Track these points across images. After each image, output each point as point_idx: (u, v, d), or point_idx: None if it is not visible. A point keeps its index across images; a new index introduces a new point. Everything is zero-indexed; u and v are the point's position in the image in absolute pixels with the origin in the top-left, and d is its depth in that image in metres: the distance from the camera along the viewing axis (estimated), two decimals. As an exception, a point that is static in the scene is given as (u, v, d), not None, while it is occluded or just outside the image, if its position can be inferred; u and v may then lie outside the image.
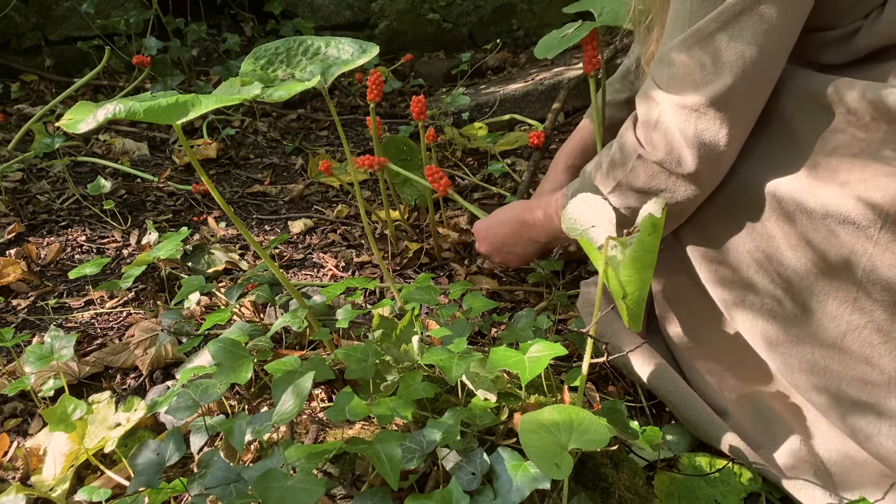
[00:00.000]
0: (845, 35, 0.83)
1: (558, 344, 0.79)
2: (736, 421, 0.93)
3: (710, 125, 0.80)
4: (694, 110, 0.80)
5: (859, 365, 0.78)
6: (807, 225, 0.77)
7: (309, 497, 0.65)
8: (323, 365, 0.88)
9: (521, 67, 2.79)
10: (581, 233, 0.75)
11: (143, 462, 0.78)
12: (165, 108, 0.70)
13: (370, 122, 1.37)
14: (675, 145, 0.82)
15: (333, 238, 1.59)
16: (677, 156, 0.82)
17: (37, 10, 2.49)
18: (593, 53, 1.17)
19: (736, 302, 0.87)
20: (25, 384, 0.97)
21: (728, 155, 0.83)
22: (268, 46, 1.02)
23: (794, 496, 0.83)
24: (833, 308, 0.78)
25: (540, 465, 0.65)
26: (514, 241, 1.18)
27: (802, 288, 0.80)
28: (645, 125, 0.86)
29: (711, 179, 0.84)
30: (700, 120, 0.80)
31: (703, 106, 0.79)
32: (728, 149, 0.81)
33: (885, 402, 0.78)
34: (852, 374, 0.79)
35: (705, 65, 0.79)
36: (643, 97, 0.87)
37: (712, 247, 0.88)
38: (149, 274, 1.37)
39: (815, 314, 0.80)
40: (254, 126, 2.26)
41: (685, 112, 0.81)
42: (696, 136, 0.81)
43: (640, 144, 0.86)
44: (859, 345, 0.77)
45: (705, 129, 0.80)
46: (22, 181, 1.82)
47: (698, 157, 0.81)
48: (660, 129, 0.83)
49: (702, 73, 0.79)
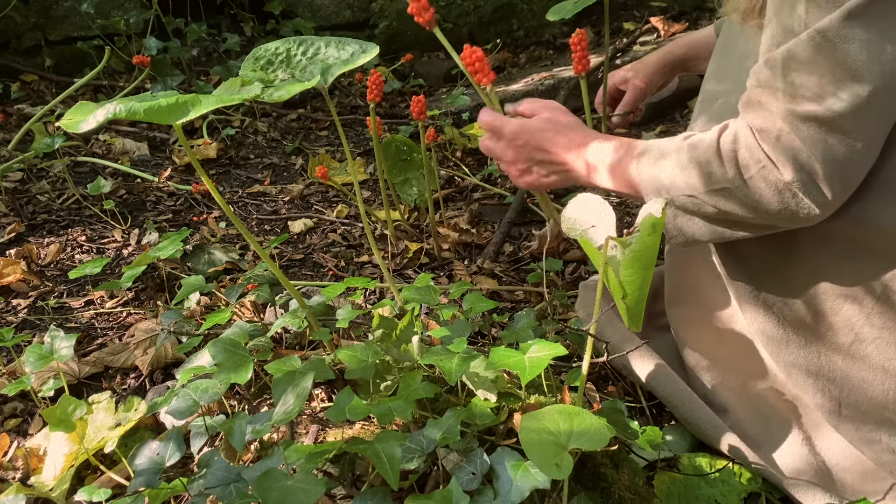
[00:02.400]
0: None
1: (558, 344, 0.79)
2: (736, 421, 0.93)
3: (843, 140, 0.69)
4: (823, 122, 0.69)
5: (864, 373, 0.78)
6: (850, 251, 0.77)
7: (309, 497, 0.65)
8: (323, 365, 0.88)
9: (521, 67, 2.79)
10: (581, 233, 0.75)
11: (143, 462, 0.78)
12: (165, 109, 0.70)
13: (370, 122, 1.37)
14: (804, 164, 0.71)
15: (333, 238, 1.59)
16: (808, 175, 0.71)
17: (37, 10, 2.49)
18: (583, 54, 1.18)
19: (750, 296, 0.87)
20: (25, 384, 0.97)
21: (859, 175, 0.72)
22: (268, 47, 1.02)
23: (795, 496, 0.83)
24: (845, 318, 0.78)
25: (540, 465, 0.65)
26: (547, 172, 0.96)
27: (823, 297, 0.80)
28: (766, 138, 0.73)
29: (839, 201, 0.73)
30: (831, 134, 0.69)
31: (834, 117, 0.68)
32: (861, 168, 0.72)
33: (886, 411, 0.78)
34: (856, 382, 0.79)
35: (836, 66, 0.67)
36: (753, 105, 0.75)
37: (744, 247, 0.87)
38: (149, 274, 1.37)
39: (827, 320, 0.80)
40: (254, 126, 2.26)
41: (813, 125, 0.69)
42: (827, 153, 0.69)
43: (767, 157, 0.73)
44: (867, 355, 0.78)
45: (838, 144, 0.69)
46: (22, 181, 1.82)
47: (828, 176, 0.70)
48: (783, 143, 0.71)
49: (833, 77, 0.67)
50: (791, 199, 0.73)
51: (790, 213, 0.74)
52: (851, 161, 0.70)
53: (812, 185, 0.71)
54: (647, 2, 3.12)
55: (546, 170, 0.96)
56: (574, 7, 1.20)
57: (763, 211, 0.75)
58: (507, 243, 1.52)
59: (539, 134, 0.95)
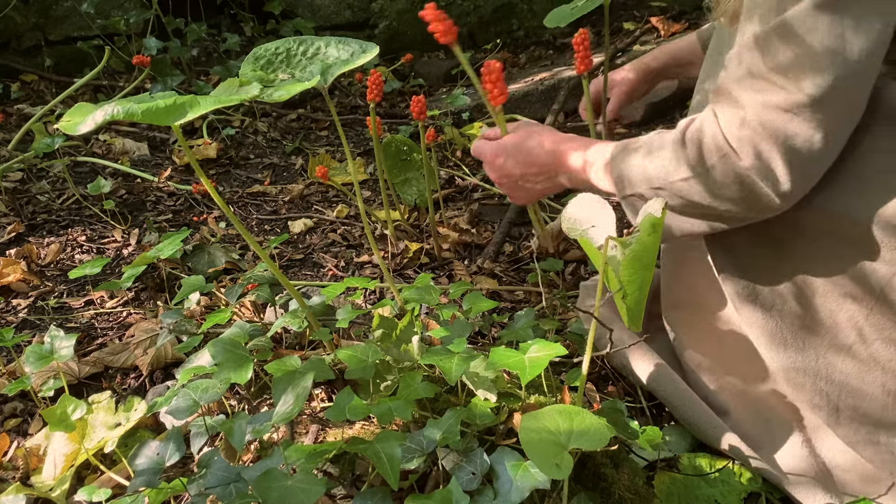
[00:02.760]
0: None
1: (558, 344, 0.79)
2: (736, 421, 0.93)
3: (802, 129, 0.69)
4: (784, 111, 0.70)
5: (862, 374, 0.78)
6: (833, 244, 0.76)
7: (309, 497, 0.65)
8: (323, 365, 0.88)
9: (521, 67, 2.79)
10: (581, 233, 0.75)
11: (143, 462, 0.78)
12: (163, 110, 0.70)
13: (370, 122, 1.37)
14: (764, 152, 0.72)
15: (333, 238, 1.59)
16: (767, 163, 0.72)
17: (37, 10, 2.49)
18: (585, 54, 1.18)
19: (745, 296, 0.87)
20: (25, 384, 0.97)
21: (820, 166, 0.73)
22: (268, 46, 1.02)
23: (795, 496, 0.83)
24: (845, 319, 0.78)
25: (540, 465, 0.65)
26: (534, 183, 1.01)
27: (817, 295, 0.80)
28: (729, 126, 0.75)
29: (799, 192, 0.74)
30: (791, 123, 0.70)
31: (794, 107, 0.69)
32: (821, 158, 0.72)
33: (885, 413, 0.78)
34: (855, 384, 0.79)
35: (800, 56, 0.68)
36: (722, 94, 0.76)
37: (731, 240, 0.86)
38: (149, 274, 1.37)
39: (826, 322, 0.80)
40: (254, 126, 2.26)
41: (774, 113, 0.70)
42: (787, 142, 0.70)
43: (729, 146, 0.74)
44: (866, 357, 0.78)
45: (797, 133, 0.70)
46: (22, 181, 1.82)
47: (788, 165, 0.71)
48: (745, 131, 0.72)
49: (796, 67, 0.68)
50: (751, 187, 0.74)
51: (751, 201, 0.75)
52: (811, 151, 0.70)
53: (770, 174, 0.72)
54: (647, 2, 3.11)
55: (531, 181, 1.00)
56: (571, 14, 1.20)
57: (725, 198, 0.77)
58: (507, 243, 1.52)
59: (515, 148, 1.00)
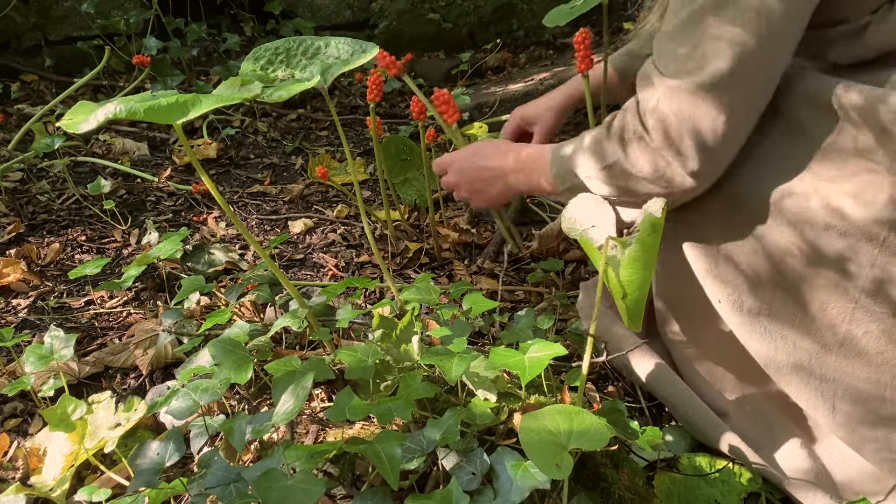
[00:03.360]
0: (854, 31, 0.79)
1: (558, 344, 0.79)
2: (736, 422, 0.93)
3: (707, 111, 0.75)
4: (690, 94, 0.76)
5: (856, 370, 0.78)
6: (808, 233, 0.76)
7: (309, 497, 0.65)
8: (323, 365, 0.88)
9: (521, 67, 2.79)
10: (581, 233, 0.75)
11: (143, 462, 0.78)
12: (166, 108, 0.70)
13: (370, 122, 1.37)
14: (672, 132, 0.78)
15: (333, 238, 1.59)
16: (675, 143, 0.78)
17: (37, 10, 2.49)
18: (586, 53, 1.18)
19: (733, 303, 0.87)
20: (25, 384, 0.97)
21: (726, 147, 0.79)
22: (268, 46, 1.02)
23: (795, 496, 0.83)
24: (831, 317, 0.78)
25: (540, 465, 0.65)
26: (488, 185, 1.10)
27: (800, 295, 0.80)
28: (644, 109, 0.82)
29: (709, 171, 0.80)
30: (696, 105, 0.76)
31: (699, 90, 0.75)
32: (726, 139, 0.77)
33: (880, 410, 0.78)
34: (848, 382, 0.79)
35: (701, 47, 0.75)
36: (643, 80, 0.83)
37: (710, 245, 0.86)
38: (149, 274, 1.37)
39: (813, 321, 0.80)
40: (254, 126, 2.26)
41: (681, 95, 0.76)
42: (692, 122, 0.76)
43: (643, 128, 0.81)
44: (856, 354, 0.77)
45: (702, 115, 0.76)
46: (22, 181, 1.82)
47: (695, 145, 0.77)
48: (657, 113, 0.79)
49: (697, 55, 0.75)
50: (665, 167, 0.80)
51: (665, 181, 0.81)
52: (716, 131, 0.76)
53: (679, 154, 0.79)
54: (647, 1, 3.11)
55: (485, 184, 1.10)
56: (570, 13, 1.21)
57: (641, 178, 0.83)
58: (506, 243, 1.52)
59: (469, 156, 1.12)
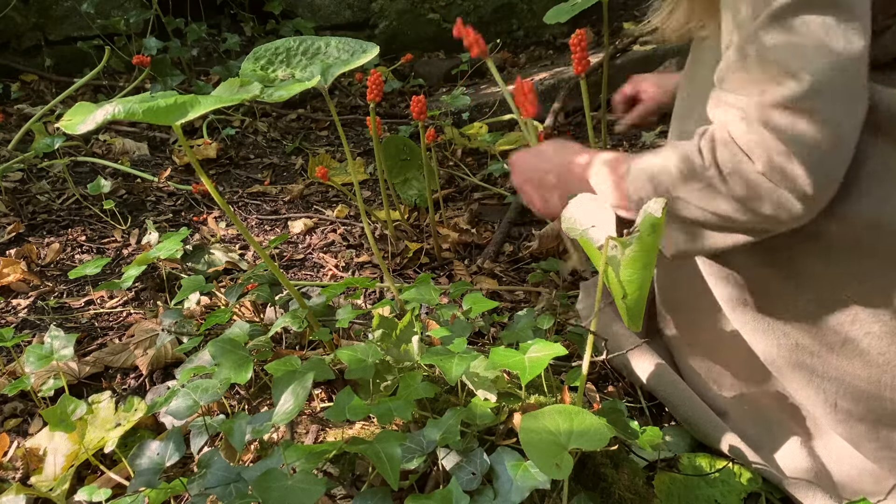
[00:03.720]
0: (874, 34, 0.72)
1: (558, 344, 0.79)
2: (736, 422, 0.93)
3: (808, 125, 0.67)
4: (785, 108, 0.67)
5: (858, 370, 0.78)
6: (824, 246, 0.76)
7: (309, 497, 0.65)
8: (323, 365, 0.88)
9: (521, 67, 2.79)
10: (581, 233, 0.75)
11: (143, 462, 0.78)
12: (164, 109, 0.70)
13: (370, 122, 1.37)
14: (776, 152, 0.68)
15: (333, 238, 1.59)
16: (780, 167, 0.69)
17: (37, 10, 2.49)
18: (583, 55, 1.19)
19: (738, 301, 0.87)
20: (25, 384, 0.97)
21: (837, 159, 0.69)
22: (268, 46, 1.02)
23: (795, 496, 0.83)
24: (834, 319, 0.78)
25: (540, 465, 0.65)
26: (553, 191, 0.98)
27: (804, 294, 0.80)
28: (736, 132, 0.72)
29: (823, 194, 0.70)
30: (794, 119, 0.67)
31: (793, 100, 0.67)
32: (836, 151, 0.68)
33: (881, 409, 0.78)
34: (850, 382, 0.79)
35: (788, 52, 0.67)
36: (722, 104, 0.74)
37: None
38: (149, 274, 1.37)
39: (816, 322, 0.80)
40: (254, 126, 2.26)
41: (775, 111, 0.68)
42: (796, 140, 0.67)
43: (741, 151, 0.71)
44: (857, 354, 0.77)
45: (805, 130, 0.67)
46: (22, 181, 1.82)
47: (805, 165, 0.68)
48: (752, 136, 0.70)
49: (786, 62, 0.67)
50: (770, 192, 0.71)
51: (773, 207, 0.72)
52: (821, 145, 0.67)
53: (787, 176, 0.69)
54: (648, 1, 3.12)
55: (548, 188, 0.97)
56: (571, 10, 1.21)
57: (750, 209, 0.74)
58: (507, 243, 1.52)
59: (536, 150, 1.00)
